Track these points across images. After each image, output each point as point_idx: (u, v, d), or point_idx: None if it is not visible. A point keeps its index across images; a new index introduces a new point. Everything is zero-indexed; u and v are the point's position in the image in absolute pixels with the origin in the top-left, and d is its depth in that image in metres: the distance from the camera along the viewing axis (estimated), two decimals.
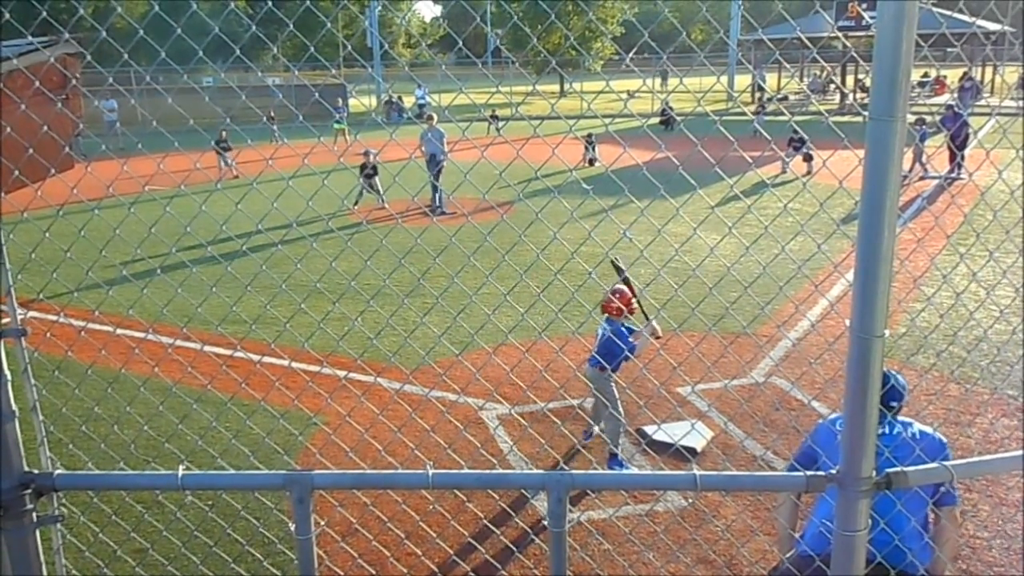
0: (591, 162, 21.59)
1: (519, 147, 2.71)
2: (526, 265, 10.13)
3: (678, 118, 27.70)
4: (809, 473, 2.32)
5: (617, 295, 6.10)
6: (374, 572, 4.74)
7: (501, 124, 26.14)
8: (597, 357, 6.07)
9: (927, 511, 3.41)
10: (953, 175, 17.94)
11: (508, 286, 9.72)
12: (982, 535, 5.18)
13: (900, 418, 3.61)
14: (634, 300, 6.09)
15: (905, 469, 2.28)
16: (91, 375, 6.96)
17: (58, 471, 2.36)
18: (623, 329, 6.10)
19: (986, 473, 3.25)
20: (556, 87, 48.16)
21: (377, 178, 16.10)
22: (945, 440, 3.54)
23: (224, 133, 20.44)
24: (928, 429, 3.57)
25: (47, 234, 2.51)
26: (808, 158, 18.46)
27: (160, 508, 5.47)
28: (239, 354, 7.82)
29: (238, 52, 2.40)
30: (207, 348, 8.15)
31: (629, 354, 5.74)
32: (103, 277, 10.84)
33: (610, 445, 6.12)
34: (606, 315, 6.17)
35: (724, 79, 45.61)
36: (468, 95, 2.79)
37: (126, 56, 2.47)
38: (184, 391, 6.82)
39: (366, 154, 16.68)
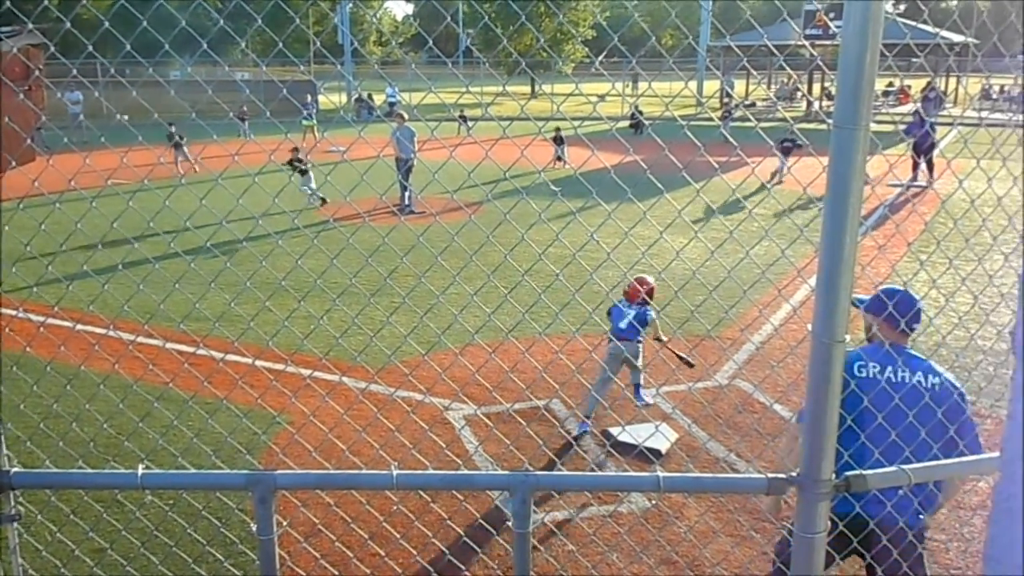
0: (559, 159, 21.52)
1: (488, 147, 2.71)
2: (494, 266, 10.13)
3: (647, 122, 27.84)
4: (771, 475, 2.35)
5: (644, 285, 6.93)
6: (337, 573, 4.71)
7: (471, 124, 26.13)
8: (637, 327, 6.82)
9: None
10: (917, 183, 18.25)
11: (476, 286, 9.71)
12: (939, 537, 5.27)
13: (915, 353, 3.44)
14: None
15: (864, 472, 2.32)
16: (50, 372, 6.80)
17: (15, 469, 2.32)
18: (648, 312, 6.90)
19: (943, 476, 3.30)
20: (527, 88, 48.24)
21: (310, 176, 16.18)
22: (965, 393, 3.38)
23: (173, 127, 19.73)
24: (951, 377, 3.42)
25: (7, 227, 2.47)
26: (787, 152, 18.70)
27: (120, 507, 5.39)
28: (201, 352, 7.74)
29: (205, 46, 2.38)
30: (169, 345, 8.05)
31: (641, 331, 6.84)
32: (64, 272, 10.66)
33: (637, 383, 7.08)
34: (632, 301, 6.91)
35: (693, 84, 46.02)
36: (438, 95, 2.78)
37: (91, 48, 2.44)
38: (145, 389, 6.73)
39: (295, 150, 16.58)
